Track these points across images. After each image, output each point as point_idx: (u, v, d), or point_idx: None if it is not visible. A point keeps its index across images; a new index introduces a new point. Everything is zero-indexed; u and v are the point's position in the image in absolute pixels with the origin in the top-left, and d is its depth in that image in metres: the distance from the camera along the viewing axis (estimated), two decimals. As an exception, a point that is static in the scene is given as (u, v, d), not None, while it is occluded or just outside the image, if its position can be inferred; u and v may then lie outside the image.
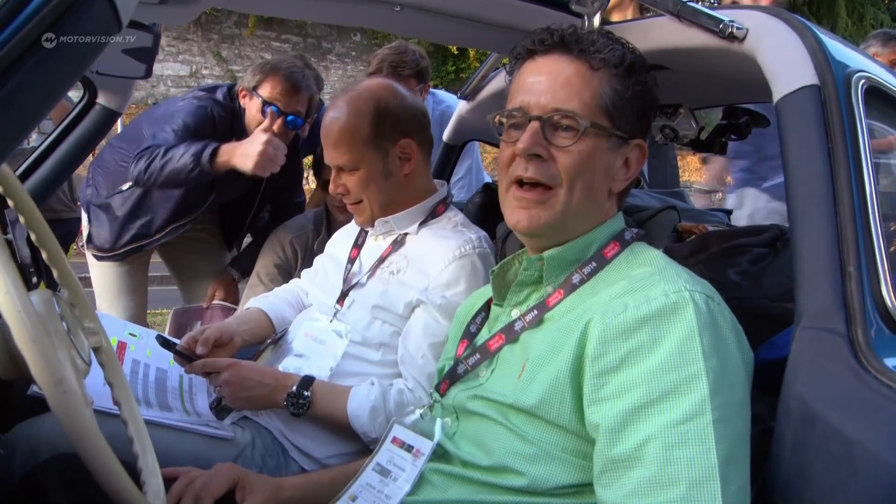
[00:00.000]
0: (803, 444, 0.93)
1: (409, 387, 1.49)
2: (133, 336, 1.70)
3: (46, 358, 0.68)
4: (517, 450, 1.04)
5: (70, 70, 0.67)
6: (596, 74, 1.10)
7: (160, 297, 3.77)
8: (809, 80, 1.09)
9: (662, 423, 0.90)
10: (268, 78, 2.35)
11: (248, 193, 2.66)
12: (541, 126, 1.09)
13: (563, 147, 1.08)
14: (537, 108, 1.10)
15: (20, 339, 0.67)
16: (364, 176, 1.60)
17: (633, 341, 0.95)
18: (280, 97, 2.33)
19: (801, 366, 0.97)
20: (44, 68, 0.63)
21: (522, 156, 1.10)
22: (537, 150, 1.08)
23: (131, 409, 1.02)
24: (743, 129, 1.74)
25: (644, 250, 1.14)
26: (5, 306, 0.67)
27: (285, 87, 2.34)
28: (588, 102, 1.09)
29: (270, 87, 2.34)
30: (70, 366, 0.76)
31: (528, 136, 1.09)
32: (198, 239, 2.78)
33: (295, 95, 2.35)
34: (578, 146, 1.08)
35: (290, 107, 2.35)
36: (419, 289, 1.54)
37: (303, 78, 2.39)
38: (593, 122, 1.08)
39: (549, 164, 1.09)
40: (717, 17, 1.22)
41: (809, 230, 1.02)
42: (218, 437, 1.47)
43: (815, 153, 1.04)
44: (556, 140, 1.09)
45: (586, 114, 1.08)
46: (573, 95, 1.09)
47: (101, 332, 1.06)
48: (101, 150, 2.71)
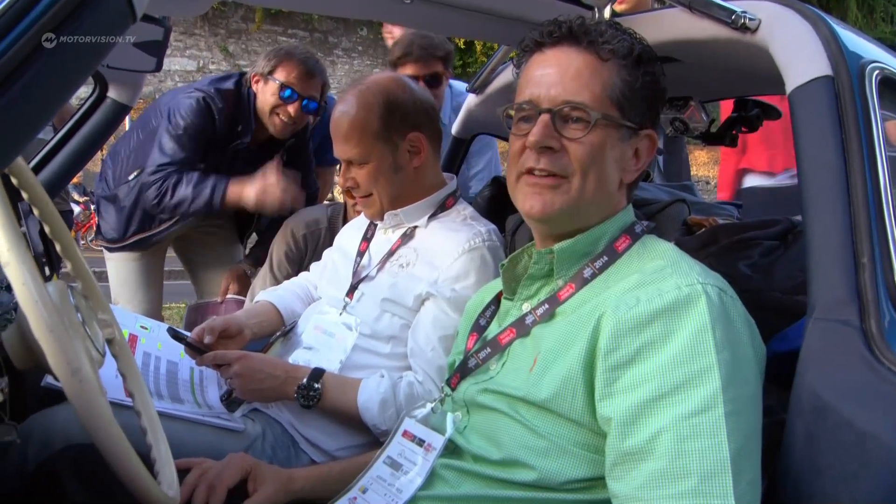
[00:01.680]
0: (815, 436, 0.93)
1: (419, 379, 1.50)
2: (144, 329, 1.71)
3: (63, 347, 0.69)
4: (528, 443, 1.04)
5: (86, 60, 0.68)
6: (605, 65, 1.10)
7: (173, 291, 3.79)
8: (823, 71, 1.08)
9: (675, 415, 0.90)
10: (283, 62, 2.37)
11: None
12: (551, 118, 1.09)
13: (575, 139, 1.08)
14: (547, 101, 1.10)
15: (37, 328, 0.68)
16: (373, 169, 1.61)
17: (645, 335, 0.95)
18: (296, 81, 2.36)
19: (814, 357, 0.97)
20: (60, 58, 0.63)
21: (534, 149, 1.09)
22: (549, 142, 1.08)
23: (144, 400, 1.03)
24: (754, 121, 1.73)
25: (655, 243, 1.14)
26: (23, 297, 0.67)
27: (301, 71, 2.37)
28: (598, 94, 1.09)
29: (287, 72, 2.36)
30: (85, 356, 0.77)
31: (539, 129, 1.09)
32: (211, 233, 2.80)
33: (310, 80, 2.39)
34: (590, 137, 1.08)
35: (307, 91, 2.38)
36: (429, 282, 1.54)
37: (316, 64, 2.42)
38: (604, 113, 1.08)
39: (561, 155, 1.09)
40: (729, 7, 1.21)
41: (823, 221, 1.01)
42: (229, 429, 1.47)
43: (828, 144, 1.04)
44: (567, 132, 1.09)
45: (597, 105, 1.08)
46: (583, 87, 1.09)
47: (115, 323, 1.07)
48: (113, 145, 2.72)
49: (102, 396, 0.75)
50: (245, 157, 2.49)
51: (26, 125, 0.63)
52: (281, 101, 2.37)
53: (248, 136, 2.44)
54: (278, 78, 2.37)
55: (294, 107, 2.37)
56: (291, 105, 2.37)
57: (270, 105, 2.39)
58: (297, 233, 2.43)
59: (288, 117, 2.39)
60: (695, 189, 2.12)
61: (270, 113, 2.40)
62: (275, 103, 2.38)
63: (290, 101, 2.37)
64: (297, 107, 2.37)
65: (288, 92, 2.36)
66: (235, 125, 2.42)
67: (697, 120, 1.69)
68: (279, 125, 2.42)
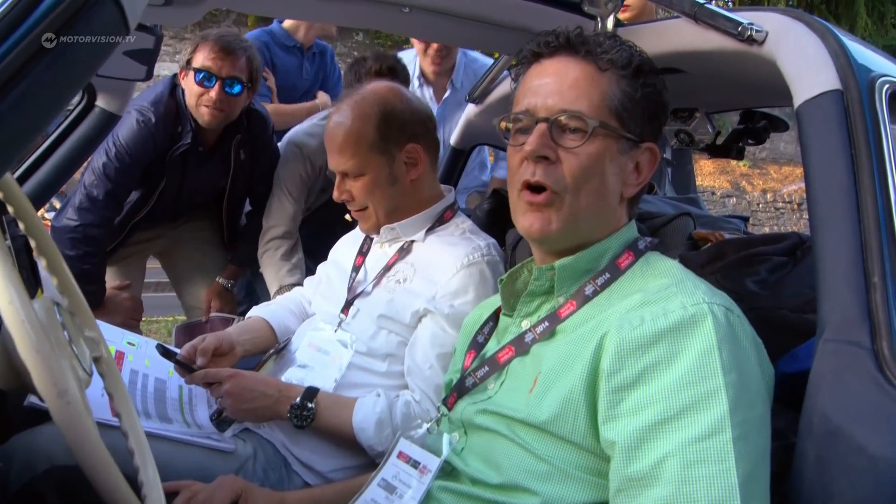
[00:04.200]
0: (826, 461, 0.93)
1: (416, 399, 1.49)
2: (131, 345, 1.71)
3: (49, 368, 0.68)
4: (529, 467, 1.04)
5: (77, 75, 0.68)
6: (604, 75, 1.11)
7: (160, 304, 3.77)
8: (831, 85, 1.09)
9: (681, 440, 0.89)
10: (199, 48, 2.30)
11: (216, 192, 2.63)
12: (548, 127, 1.09)
13: (571, 149, 1.08)
14: (544, 110, 1.10)
15: (23, 348, 0.68)
16: (369, 182, 1.61)
17: (650, 356, 0.95)
18: (212, 63, 2.26)
19: (824, 379, 0.97)
20: (51, 73, 0.63)
21: (530, 158, 1.10)
22: (545, 151, 1.09)
23: (132, 421, 1.02)
24: (761, 133, 1.74)
25: (659, 260, 1.14)
26: (8, 316, 0.67)
27: (216, 50, 2.26)
28: (596, 103, 1.09)
29: (203, 55, 2.28)
30: (72, 376, 0.77)
31: (535, 138, 1.09)
32: (194, 238, 2.78)
33: (228, 58, 2.27)
34: (587, 148, 1.08)
35: (226, 71, 2.27)
36: (426, 298, 1.54)
37: (236, 40, 2.32)
38: (602, 122, 1.09)
39: (557, 166, 1.09)
40: (735, 19, 1.22)
41: (832, 239, 1.02)
42: (219, 450, 1.47)
43: (837, 160, 1.04)
44: (564, 142, 1.09)
45: (594, 114, 1.09)
46: (581, 96, 1.09)
47: (102, 341, 1.06)
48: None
49: (89, 418, 0.75)
50: (196, 162, 2.44)
51: (15, 139, 0.63)
52: (203, 88, 2.27)
53: (188, 137, 2.37)
54: (195, 64, 2.28)
55: (215, 90, 2.26)
56: (212, 89, 2.26)
57: (196, 95, 2.29)
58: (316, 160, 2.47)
59: (211, 103, 2.28)
60: (700, 202, 2.13)
61: (196, 105, 2.31)
62: (198, 92, 2.28)
63: (208, 84, 2.27)
64: (219, 89, 2.26)
65: (203, 74, 2.26)
66: (176, 128, 2.36)
67: (703, 132, 1.71)
68: (206, 115, 2.31)
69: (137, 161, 2.33)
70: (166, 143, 2.36)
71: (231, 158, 2.49)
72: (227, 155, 2.48)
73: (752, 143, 1.79)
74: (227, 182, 2.57)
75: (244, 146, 2.50)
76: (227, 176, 2.55)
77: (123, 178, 2.34)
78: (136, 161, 2.32)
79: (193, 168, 2.43)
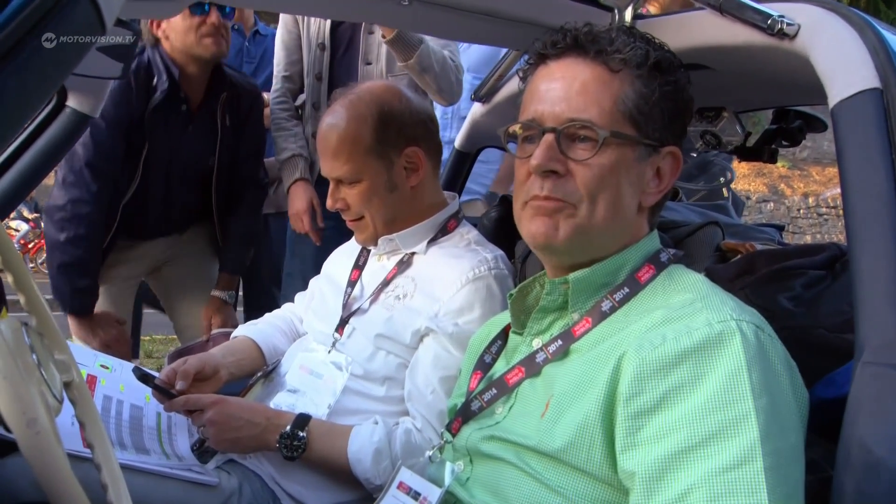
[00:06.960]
0: (867, 495, 0.93)
1: (417, 426, 1.50)
2: (105, 368, 1.71)
3: (18, 395, 0.69)
4: (540, 499, 1.04)
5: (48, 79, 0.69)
6: (616, 77, 1.11)
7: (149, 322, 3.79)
8: (870, 84, 1.09)
9: (707, 470, 0.90)
10: None
11: (204, 171, 2.69)
12: (556, 138, 1.10)
13: (582, 161, 1.09)
14: (551, 119, 1.11)
15: (-11, 374, 0.69)
16: (366, 189, 1.62)
17: (672, 378, 0.96)
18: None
19: (863, 406, 0.97)
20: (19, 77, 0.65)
21: (537, 173, 1.11)
22: (553, 165, 1.10)
23: (105, 452, 1.03)
24: (796, 134, 1.75)
25: (683, 274, 1.15)
26: (-27, 338, 0.68)
27: None
28: (608, 109, 1.10)
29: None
30: (42, 404, 0.78)
31: (541, 152, 1.10)
32: (188, 254, 2.83)
33: None
34: (599, 159, 1.09)
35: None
36: (428, 315, 1.55)
37: None
38: (614, 130, 1.09)
39: (567, 180, 1.10)
40: (764, 11, 1.23)
41: (871, 251, 1.02)
42: (201, 483, 1.47)
43: (876, 164, 1.04)
44: (574, 153, 1.10)
45: (606, 122, 1.09)
46: (590, 103, 1.10)
47: (73, 364, 1.07)
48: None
49: (60, 449, 0.75)
50: (180, 123, 2.51)
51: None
52: (198, 17, 2.37)
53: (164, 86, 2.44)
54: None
55: (213, 14, 2.38)
56: (210, 14, 2.38)
57: (193, 29, 2.39)
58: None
59: (213, 28, 2.40)
60: (730, 209, 2.13)
61: (198, 40, 2.41)
62: (195, 23, 2.38)
63: (205, 11, 2.38)
64: (217, 14, 2.39)
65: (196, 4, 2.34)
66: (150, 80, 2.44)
67: (731, 133, 1.71)
68: (212, 44, 2.42)
69: (115, 122, 2.39)
70: (142, 97, 2.43)
71: (218, 123, 2.57)
72: (213, 116, 2.55)
73: (787, 145, 1.80)
74: (215, 160, 2.65)
75: (229, 108, 2.60)
76: (214, 147, 2.63)
77: (105, 145, 2.41)
78: (114, 122, 2.38)
79: (177, 131, 2.49)
